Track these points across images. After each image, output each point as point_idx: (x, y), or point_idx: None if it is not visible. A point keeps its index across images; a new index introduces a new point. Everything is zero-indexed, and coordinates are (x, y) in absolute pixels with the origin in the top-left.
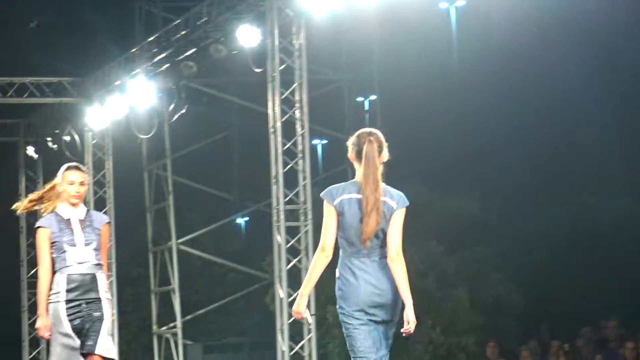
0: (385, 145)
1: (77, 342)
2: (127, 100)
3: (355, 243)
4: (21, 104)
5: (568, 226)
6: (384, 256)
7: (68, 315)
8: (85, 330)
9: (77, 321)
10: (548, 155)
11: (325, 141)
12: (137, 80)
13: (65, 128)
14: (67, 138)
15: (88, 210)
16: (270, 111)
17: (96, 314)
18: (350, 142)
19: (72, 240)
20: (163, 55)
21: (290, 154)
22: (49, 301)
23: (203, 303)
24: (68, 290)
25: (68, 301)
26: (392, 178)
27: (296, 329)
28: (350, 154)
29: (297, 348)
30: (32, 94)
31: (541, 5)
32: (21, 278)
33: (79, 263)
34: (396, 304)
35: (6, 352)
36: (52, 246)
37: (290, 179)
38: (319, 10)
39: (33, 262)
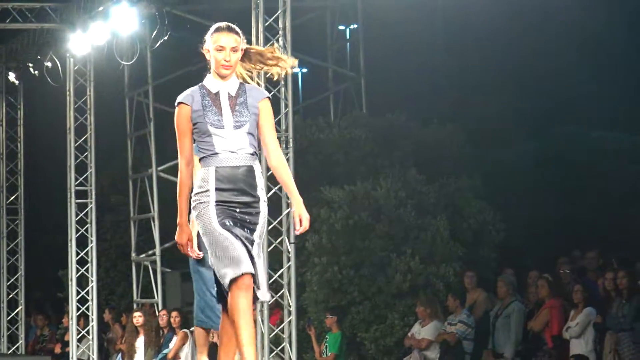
0: None
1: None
2: (110, 27)
3: None
4: (2, 30)
5: (548, 157)
6: None
7: (218, 217)
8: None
9: (230, 223)
10: (527, 85)
11: (305, 69)
12: (120, 6)
13: (47, 54)
14: (49, 64)
15: (241, 84)
16: (253, 38)
17: (247, 231)
18: None
19: (218, 121)
20: None
21: (272, 81)
22: (196, 202)
23: None
24: (218, 189)
25: (219, 202)
26: (373, 105)
27: (275, 258)
28: None
29: (275, 276)
30: (15, 19)
31: None
32: (0, 204)
33: (231, 152)
34: None
35: None
36: (194, 128)
37: (273, 107)
38: None
39: (13, 189)
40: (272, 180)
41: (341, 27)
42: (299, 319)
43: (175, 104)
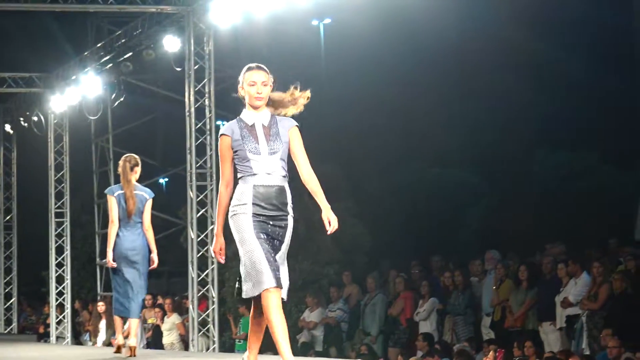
0: (139, 162)
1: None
2: (80, 91)
3: (124, 218)
4: (1, 93)
5: (402, 187)
6: (140, 226)
7: (254, 229)
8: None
9: (264, 236)
10: (381, 130)
11: (225, 122)
12: (88, 75)
13: (34, 111)
14: (35, 118)
15: (272, 115)
16: (186, 100)
17: (277, 242)
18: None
19: (256, 149)
20: (108, 57)
21: (200, 131)
22: (234, 213)
23: None
24: (255, 204)
25: (255, 215)
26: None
27: (203, 261)
28: (119, 168)
29: (203, 275)
30: (10, 85)
31: (386, 27)
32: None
33: (267, 173)
34: (145, 255)
35: None
36: (234, 155)
37: (200, 150)
38: (224, 24)
39: (8, 211)
40: (200, 203)
41: None
42: (220, 307)
43: (219, 135)
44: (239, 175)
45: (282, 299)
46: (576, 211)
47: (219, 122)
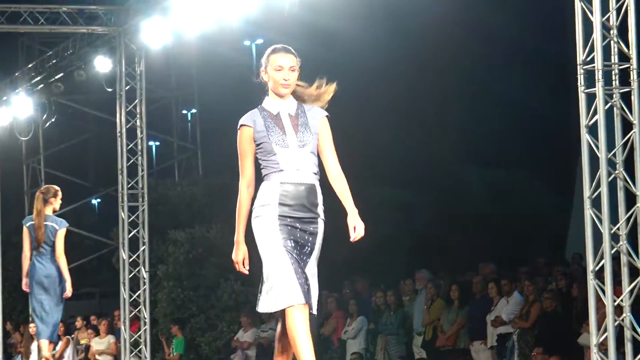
0: (58, 193)
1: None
2: (11, 112)
3: (36, 247)
4: None
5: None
6: (52, 254)
7: (282, 234)
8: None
9: (291, 244)
10: None
11: (158, 142)
12: (19, 96)
13: None
14: None
15: (299, 104)
16: (118, 120)
17: (307, 249)
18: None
19: (283, 141)
20: (39, 78)
21: (132, 152)
22: (257, 215)
23: None
24: (282, 204)
25: (281, 217)
26: (208, 169)
27: (135, 282)
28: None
29: (134, 296)
30: None
31: (317, 49)
32: None
33: (296, 169)
34: (59, 283)
35: None
36: (257, 149)
37: (132, 171)
38: (155, 45)
39: None
40: (132, 224)
41: (184, 112)
42: (152, 328)
43: (238, 126)
44: (263, 172)
45: (312, 314)
46: (508, 230)
47: (151, 143)
